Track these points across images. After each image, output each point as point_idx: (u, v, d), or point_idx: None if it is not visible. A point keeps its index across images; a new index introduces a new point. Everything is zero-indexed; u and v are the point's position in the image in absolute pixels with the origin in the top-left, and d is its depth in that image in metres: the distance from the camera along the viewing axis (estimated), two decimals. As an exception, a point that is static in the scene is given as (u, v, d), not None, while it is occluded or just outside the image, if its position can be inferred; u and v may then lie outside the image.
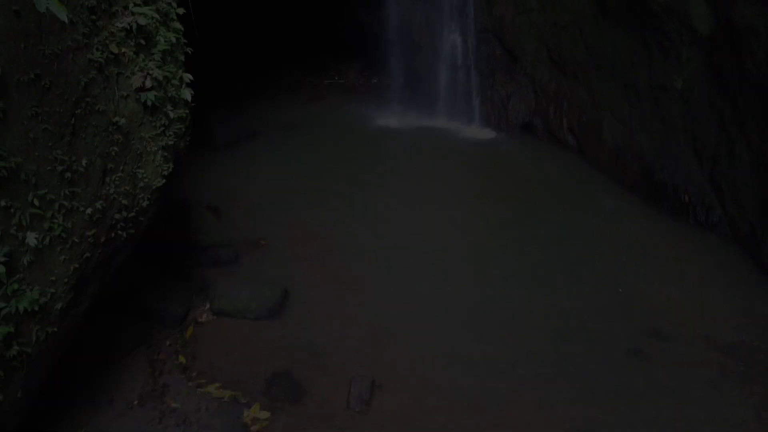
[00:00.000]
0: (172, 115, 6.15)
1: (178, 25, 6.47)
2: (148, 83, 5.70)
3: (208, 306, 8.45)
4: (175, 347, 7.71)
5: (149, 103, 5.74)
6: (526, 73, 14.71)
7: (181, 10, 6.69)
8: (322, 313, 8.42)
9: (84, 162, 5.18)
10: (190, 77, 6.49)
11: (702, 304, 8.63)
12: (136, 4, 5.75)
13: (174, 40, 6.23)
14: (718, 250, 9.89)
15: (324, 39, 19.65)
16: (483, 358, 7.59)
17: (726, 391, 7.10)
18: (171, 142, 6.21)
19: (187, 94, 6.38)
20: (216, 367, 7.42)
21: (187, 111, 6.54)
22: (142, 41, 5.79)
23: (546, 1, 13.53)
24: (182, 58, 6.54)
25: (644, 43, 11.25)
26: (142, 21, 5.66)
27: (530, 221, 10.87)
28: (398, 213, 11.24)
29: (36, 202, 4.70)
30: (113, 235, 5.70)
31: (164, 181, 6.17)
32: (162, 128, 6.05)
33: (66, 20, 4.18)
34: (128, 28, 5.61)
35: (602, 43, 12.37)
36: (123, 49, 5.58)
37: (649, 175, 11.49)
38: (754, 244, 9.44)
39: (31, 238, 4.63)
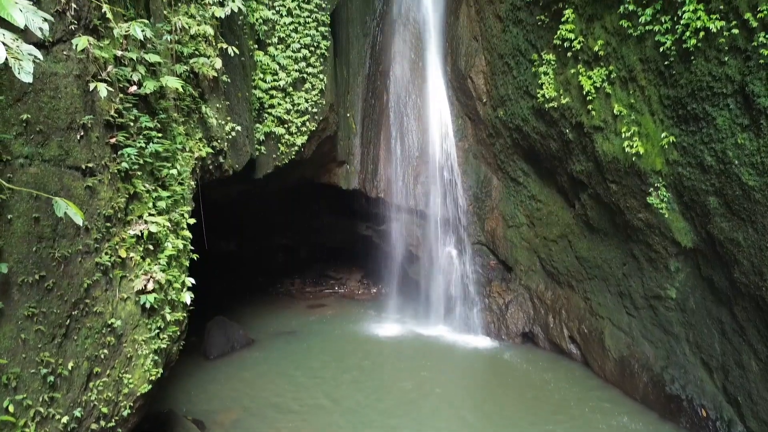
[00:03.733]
0: (169, 317, 6.12)
1: (186, 233, 6.82)
2: (150, 286, 5.78)
3: None
4: None
5: (148, 305, 5.75)
6: (522, 282, 15.08)
7: (192, 221, 7.12)
8: None
9: (70, 365, 4.99)
10: (192, 281, 6.62)
11: None
12: (150, 214, 6.12)
13: (181, 246, 6.51)
14: (750, 472, 8.98)
15: (324, 250, 20.62)
16: None
17: None
18: (164, 346, 6.07)
19: (187, 297, 6.45)
20: None
21: (185, 314, 6.53)
22: (151, 246, 6.04)
23: (533, 217, 14.50)
24: (187, 263, 6.76)
25: (632, 255, 11.72)
26: (153, 228, 5.97)
27: (539, 438, 10.06)
28: (396, 427, 10.45)
29: (11, 409, 4.40)
30: (85, 448, 5.22)
31: (150, 387, 5.87)
32: (157, 331, 5.96)
33: (81, 224, 4.41)
34: (139, 234, 5.89)
35: (592, 255, 12.89)
36: (131, 254, 5.78)
37: (660, 387, 10.99)
38: (787, 465, 8.61)
39: (-5, 450, 4.23)
